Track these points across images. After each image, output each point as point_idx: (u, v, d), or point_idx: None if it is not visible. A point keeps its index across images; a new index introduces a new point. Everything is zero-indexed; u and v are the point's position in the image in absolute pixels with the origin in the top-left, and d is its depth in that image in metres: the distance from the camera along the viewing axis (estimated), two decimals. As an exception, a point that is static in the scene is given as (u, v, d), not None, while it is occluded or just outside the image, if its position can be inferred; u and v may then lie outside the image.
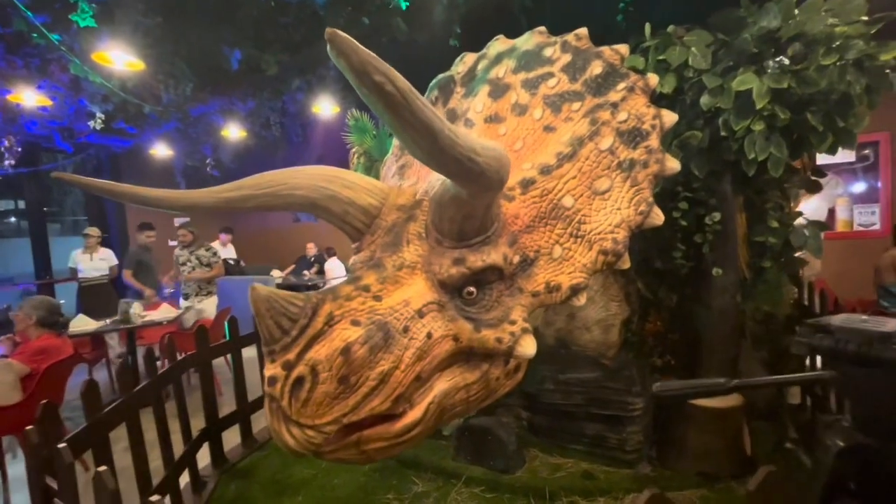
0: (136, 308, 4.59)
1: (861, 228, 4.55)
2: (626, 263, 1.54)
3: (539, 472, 2.46)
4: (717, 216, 2.64)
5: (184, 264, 5.30)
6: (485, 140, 1.20)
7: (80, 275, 5.70)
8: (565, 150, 1.60)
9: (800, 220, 2.99)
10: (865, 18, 2.17)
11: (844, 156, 4.51)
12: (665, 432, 2.50)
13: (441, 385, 1.26)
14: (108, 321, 4.41)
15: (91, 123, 4.97)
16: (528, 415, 2.68)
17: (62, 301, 6.44)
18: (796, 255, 2.99)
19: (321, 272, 7.77)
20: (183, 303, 5.35)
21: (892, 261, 3.20)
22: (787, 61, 2.24)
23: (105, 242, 6.56)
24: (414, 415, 1.20)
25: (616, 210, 1.54)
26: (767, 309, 3.09)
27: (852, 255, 4.52)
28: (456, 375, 1.30)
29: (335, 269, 7.65)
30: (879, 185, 4.56)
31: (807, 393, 2.96)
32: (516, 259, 1.40)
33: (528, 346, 1.32)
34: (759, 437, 2.56)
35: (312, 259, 7.99)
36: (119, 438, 2.09)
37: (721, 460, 2.32)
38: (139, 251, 5.84)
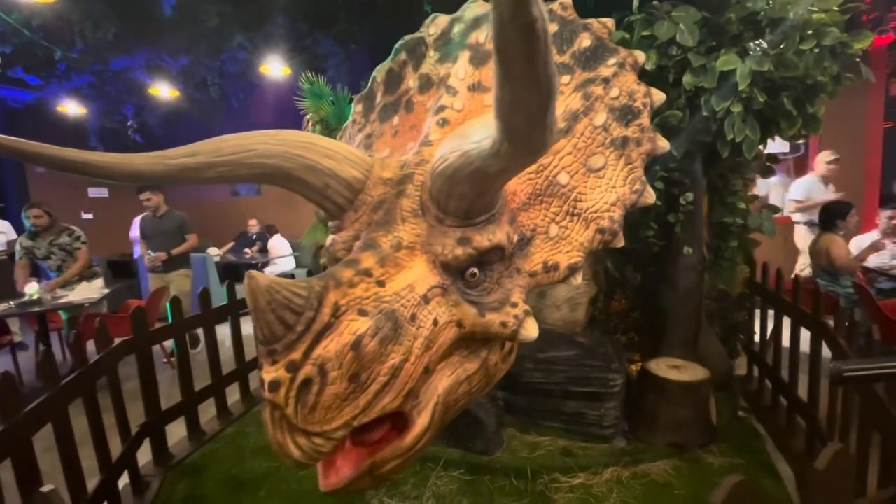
0: (45, 288, 3.98)
1: (790, 214, 4.96)
2: (620, 242, 1.51)
3: (518, 451, 2.43)
4: (689, 196, 2.70)
5: (45, 259, 4.21)
6: None
7: (-30, 250, 4.85)
8: (560, 124, 1.52)
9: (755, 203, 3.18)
10: (836, 9, 2.26)
11: (778, 147, 4.87)
12: (637, 406, 2.55)
13: (443, 383, 1.17)
14: (11, 303, 3.77)
15: (-19, 66, 4.13)
16: (505, 395, 2.63)
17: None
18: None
19: (264, 250, 7.27)
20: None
21: (824, 245, 3.51)
22: (765, 44, 2.29)
23: (0, 214, 5.64)
24: (422, 422, 1.10)
25: (611, 188, 1.50)
26: (722, 287, 3.27)
27: (782, 239, 4.92)
28: (457, 368, 1.22)
29: (279, 248, 7.19)
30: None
31: (754, 363, 3.18)
32: (515, 238, 1.34)
33: (532, 329, 1.27)
34: (716, 408, 2.71)
35: (254, 236, 7.44)
36: (40, 437, 1.76)
37: (690, 431, 2.42)
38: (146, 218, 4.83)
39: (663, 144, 1.60)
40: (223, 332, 3.33)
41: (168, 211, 4.79)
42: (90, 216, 7.77)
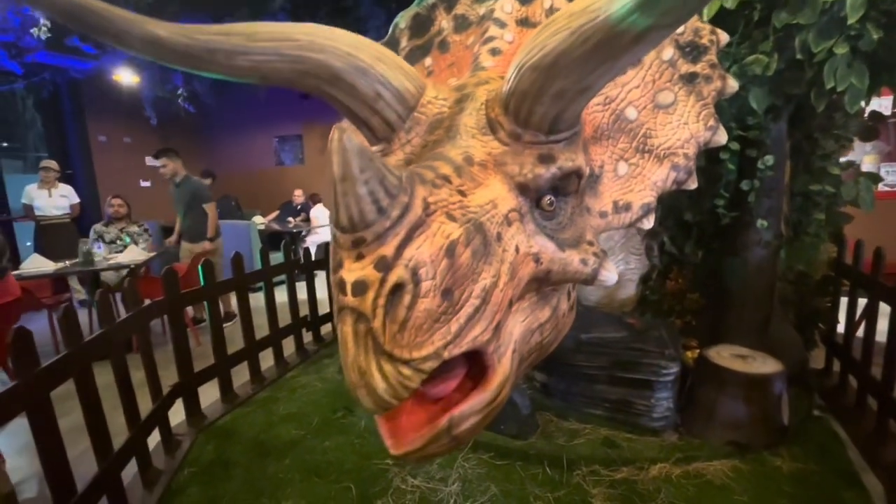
0: (99, 249, 4.16)
1: (887, 189, 4.29)
2: (694, 183, 1.38)
3: (555, 437, 2.23)
4: (769, 160, 2.30)
5: (112, 243, 4.51)
6: None
7: (37, 212, 5.17)
8: None
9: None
10: None
11: (877, 108, 4.17)
12: (693, 398, 2.27)
13: (518, 329, 0.99)
14: (67, 262, 3.97)
15: (34, 32, 4.23)
16: (543, 376, 2.43)
17: (27, 243, 5.93)
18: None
19: (308, 220, 7.34)
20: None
21: None
22: (886, -34, 1.84)
23: (67, 179, 5.98)
24: (503, 369, 0.91)
25: (683, 125, 1.38)
26: (801, 268, 2.85)
27: (875, 216, 4.29)
28: (528, 315, 1.04)
29: (321, 217, 7.22)
30: (913, 143, 4.27)
31: (836, 357, 2.77)
32: (587, 171, 1.17)
33: (613, 271, 1.12)
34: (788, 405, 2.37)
35: (299, 206, 7.52)
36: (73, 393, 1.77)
37: (754, 430, 2.12)
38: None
39: (733, 84, 1.44)
40: (256, 297, 3.32)
41: (185, 178, 4.54)
42: (148, 184, 8.13)
